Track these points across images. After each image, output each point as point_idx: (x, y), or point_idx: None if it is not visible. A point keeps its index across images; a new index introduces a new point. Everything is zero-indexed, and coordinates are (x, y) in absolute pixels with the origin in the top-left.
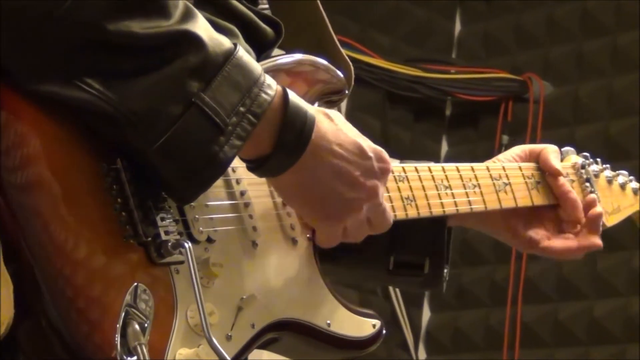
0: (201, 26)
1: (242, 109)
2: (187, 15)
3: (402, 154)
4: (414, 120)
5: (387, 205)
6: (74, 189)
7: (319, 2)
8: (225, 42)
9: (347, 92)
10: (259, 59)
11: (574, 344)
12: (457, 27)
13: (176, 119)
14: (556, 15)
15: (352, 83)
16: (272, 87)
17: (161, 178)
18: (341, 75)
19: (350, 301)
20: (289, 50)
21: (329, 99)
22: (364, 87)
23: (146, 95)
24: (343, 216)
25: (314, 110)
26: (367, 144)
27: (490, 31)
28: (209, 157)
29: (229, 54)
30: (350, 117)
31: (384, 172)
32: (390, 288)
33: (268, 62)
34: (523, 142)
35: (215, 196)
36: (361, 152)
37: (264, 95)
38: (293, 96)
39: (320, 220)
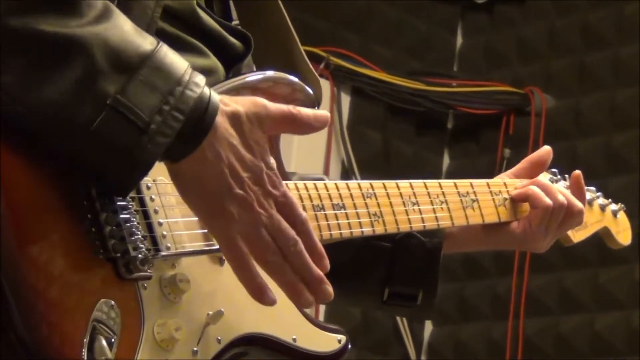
0: (117, 27)
1: (165, 107)
2: (102, 16)
3: (404, 167)
4: (416, 134)
5: (282, 219)
6: (44, 204)
7: (287, 18)
8: (144, 44)
9: (317, 108)
10: (228, 73)
11: (576, 357)
12: (459, 40)
13: (92, 121)
14: (557, 28)
15: (321, 100)
16: (199, 84)
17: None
18: (311, 92)
19: (352, 314)
20: (258, 66)
21: None
22: (366, 100)
23: (60, 100)
24: (230, 212)
25: (218, 101)
26: (263, 152)
27: (492, 44)
28: (131, 159)
29: (145, 56)
30: (352, 130)
31: (272, 183)
32: None
33: (236, 81)
34: (525, 156)
35: (183, 213)
36: (255, 156)
37: (189, 92)
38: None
39: (212, 217)
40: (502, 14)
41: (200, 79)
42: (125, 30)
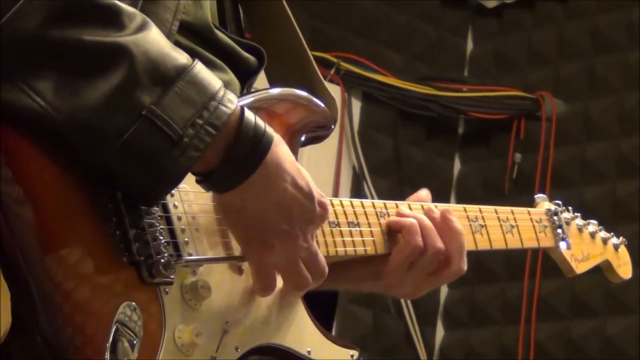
0: (155, 40)
1: (199, 121)
2: (141, 28)
3: (415, 172)
4: (427, 139)
5: (317, 248)
6: (69, 206)
7: (300, 33)
8: (180, 58)
9: (333, 127)
10: (243, 87)
11: None
12: (469, 45)
13: (126, 130)
14: (567, 33)
15: (337, 117)
16: (233, 101)
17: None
18: (326, 109)
19: (363, 319)
20: (272, 82)
21: (314, 134)
22: (376, 106)
23: (95, 108)
24: (273, 245)
25: (274, 133)
26: (314, 187)
27: (502, 49)
28: (161, 170)
29: (182, 70)
30: (363, 135)
31: (322, 217)
32: (404, 306)
33: (248, 98)
34: (535, 160)
35: (205, 220)
36: (309, 191)
37: (223, 107)
38: (249, 114)
39: (251, 246)
40: (512, 18)
41: (233, 96)
42: (163, 44)
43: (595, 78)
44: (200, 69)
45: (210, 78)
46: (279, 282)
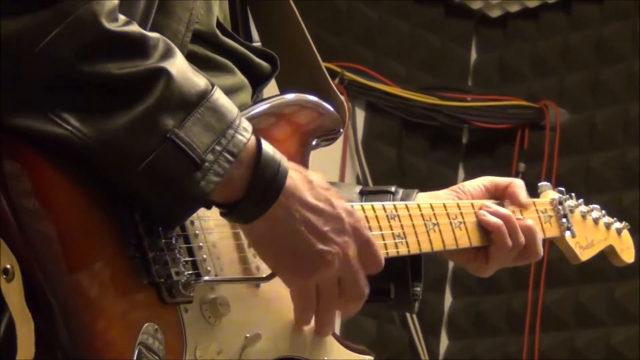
0: (177, 65)
1: (218, 147)
2: (165, 55)
3: (419, 182)
4: (430, 148)
5: (360, 269)
6: (91, 228)
7: (309, 38)
8: (200, 83)
9: (341, 130)
10: (254, 92)
11: None
12: (473, 54)
13: (150, 152)
14: (571, 42)
15: (347, 121)
16: (248, 130)
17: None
18: (335, 113)
19: (367, 328)
20: (282, 86)
21: (323, 138)
22: (380, 115)
23: (121, 131)
24: (313, 269)
25: (287, 161)
26: (338, 202)
27: (506, 59)
28: (183, 192)
29: (203, 96)
30: (366, 145)
31: (355, 230)
32: (408, 316)
33: (263, 105)
34: (539, 170)
35: (222, 236)
36: (332, 207)
37: (239, 136)
38: (267, 146)
39: (291, 272)
40: (516, 28)
41: (248, 124)
42: (185, 68)
43: (599, 87)
44: (219, 96)
45: (228, 105)
46: None
